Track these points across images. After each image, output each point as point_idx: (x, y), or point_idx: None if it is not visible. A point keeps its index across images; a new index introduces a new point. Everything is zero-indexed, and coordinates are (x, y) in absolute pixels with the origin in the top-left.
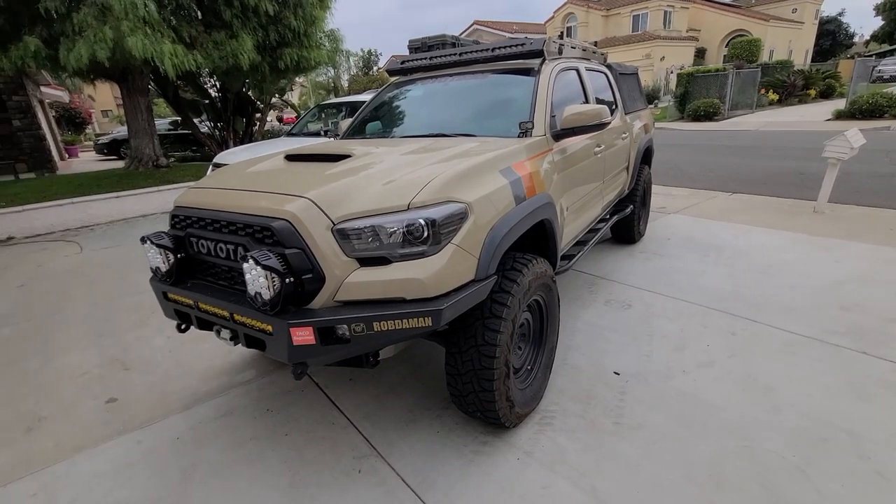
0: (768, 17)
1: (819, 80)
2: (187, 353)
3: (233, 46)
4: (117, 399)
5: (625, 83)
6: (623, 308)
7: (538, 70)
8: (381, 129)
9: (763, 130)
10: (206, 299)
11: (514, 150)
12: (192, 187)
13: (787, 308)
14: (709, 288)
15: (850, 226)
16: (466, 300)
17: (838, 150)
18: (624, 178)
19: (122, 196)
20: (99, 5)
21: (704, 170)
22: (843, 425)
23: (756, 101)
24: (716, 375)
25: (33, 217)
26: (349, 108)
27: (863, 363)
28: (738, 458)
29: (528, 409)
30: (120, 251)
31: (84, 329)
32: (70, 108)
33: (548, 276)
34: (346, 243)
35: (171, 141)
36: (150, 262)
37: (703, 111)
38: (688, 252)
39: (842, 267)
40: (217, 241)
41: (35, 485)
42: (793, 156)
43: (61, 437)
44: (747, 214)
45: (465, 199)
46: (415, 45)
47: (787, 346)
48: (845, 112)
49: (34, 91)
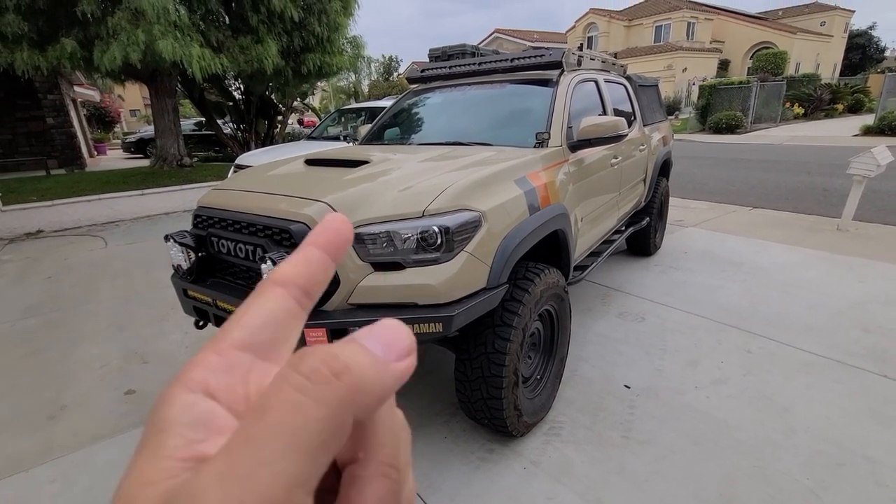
0: (795, 29)
1: (847, 95)
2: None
3: (258, 51)
4: (135, 391)
5: (644, 95)
6: (636, 321)
7: (556, 81)
8: (400, 135)
9: (787, 145)
10: (224, 297)
11: (530, 160)
12: (214, 188)
13: (806, 327)
14: (725, 304)
15: (875, 245)
16: (477, 307)
17: (864, 167)
18: (641, 190)
19: (147, 193)
20: (132, 10)
21: (724, 183)
22: (861, 450)
23: (780, 114)
24: (729, 393)
25: (62, 212)
26: (368, 113)
27: (883, 387)
28: (750, 478)
29: (537, 419)
30: (143, 247)
31: (106, 322)
32: (100, 107)
33: (560, 286)
34: (361, 248)
35: (195, 141)
36: (173, 260)
37: (724, 124)
38: (704, 266)
39: (865, 287)
40: (237, 242)
41: (54, 471)
42: (817, 171)
43: (81, 426)
44: (767, 230)
45: (479, 207)
46: (435, 53)
47: (805, 366)
48: (874, 128)
49: (68, 90)
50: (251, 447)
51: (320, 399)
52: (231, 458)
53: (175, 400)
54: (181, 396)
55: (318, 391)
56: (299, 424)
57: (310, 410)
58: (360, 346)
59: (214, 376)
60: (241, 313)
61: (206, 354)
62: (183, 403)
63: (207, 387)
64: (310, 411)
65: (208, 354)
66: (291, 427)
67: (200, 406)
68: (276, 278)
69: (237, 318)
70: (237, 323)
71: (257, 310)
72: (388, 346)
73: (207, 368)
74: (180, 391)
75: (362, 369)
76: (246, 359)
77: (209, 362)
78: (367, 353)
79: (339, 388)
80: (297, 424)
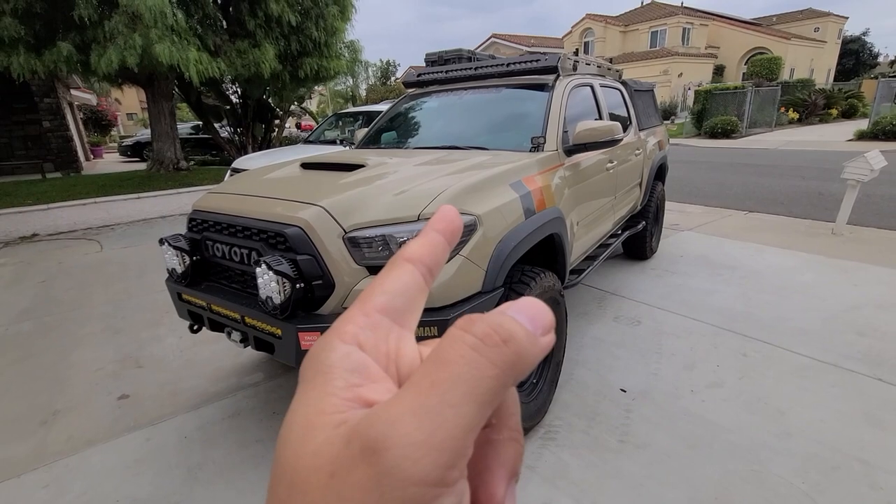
0: (789, 35)
1: (841, 100)
2: (198, 354)
3: (255, 55)
4: (129, 396)
5: (640, 100)
6: (632, 325)
7: (552, 86)
8: (396, 139)
9: (782, 149)
10: (218, 301)
11: (526, 164)
12: (210, 192)
13: (801, 331)
14: (721, 307)
15: (870, 249)
16: (473, 311)
17: (858, 171)
18: (636, 194)
19: (143, 197)
20: (129, 14)
21: (720, 187)
22: (856, 453)
23: (775, 119)
24: (725, 397)
25: (57, 215)
26: (366, 117)
27: (878, 390)
28: (746, 482)
29: (532, 423)
30: (138, 251)
31: (100, 326)
32: (97, 110)
33: (556, 290)
34: (356, 251)
35: (192, 145)
36: (167, 264)
37: (720, 128)
38: (700, 270)
39: (860, 291)
40: (232, 245)
41: (47, 476)
42: (812, 176)
43: (74, 430)
44: (763, 234)
45: (474, 211)
46: (431, 58)
47: (801, 369)
48: (868, 133)
49: (64, 94)
50: (438, 390)
51: (492, 360)
52: (421, 397)
53: (335, 348)
54: (340, 346)
55: (491, 353)
56: (476, 378)
57: (484, 368)
58: (514, 318)
59: (363, 332)
60: (381, 281)
61: (354, 313)
62: (342, 352)
63: (358, 340)
64: (484, 369)
65: (356, 314)
66: (469, 379)
67: (355, 356)
68: (407, 255)
69: (378, 284)
70: (379, 288)
71: (394, 279)
72: (534, 321)
73: (357, 325)
74: (338, 341)
75: (521, 339)
76: (386, 321)
77: (358, 320)
78: (521, 326)
79: (506, 353)
80: (474, 377)
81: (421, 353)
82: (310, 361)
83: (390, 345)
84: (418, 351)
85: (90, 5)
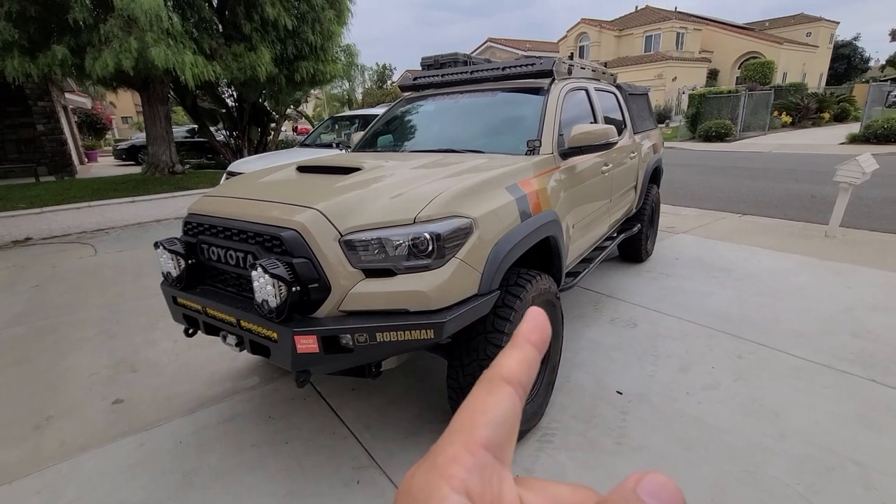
0: (782, 40)
1: (833, 104)
2: (193, 358)
3: (251, 59)
4: (123, 400)
5: (634, 103)
6: (628, 327)
7: (547, 89)
8: (392, 142)
9: (775, 152)
10: (214, 305)
11: (522, 167)
12: (205, 195)
13: (795, 333)
14: (716, 309)
15: (863, 251)
16: (469, 314)
17: (850, 174)
18: (632, 196)
19: (138, 201)
20: (125, 17)
21: (714, 190)
22: (850, 454)
23: (769, 123)
24: (720, 398)
25: (51, 219)
26: (362, 120)
27: (872, 391)
28: (741, 483)
29: (529, 426)
30: (133, 254)
31: (95, 330)
32: (92, 114)
33: (551, 292)
34: (352, 254)
35: (188, 148)
36: (162, 267)
37: (714, 132)
38: (695, 273)
39: (853, 293)
40: (227, 249)
41: (40, 482)
42: (805, 179)
43: (67, 435)
44: (757, 236)
45: (470, 214)
46: (427, 62)
47: (795, 371)
48: (860, 136)
49: (58, 97)
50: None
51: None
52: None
53: (445, 497)
54: (450, 496)
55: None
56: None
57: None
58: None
59: (471, 478)
60: (482, 408)
61: (459, 450)
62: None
63: (468, 489)
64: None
65: (462, 452)
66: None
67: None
68: (506, 376)
69: (480, 413)
70: (482, 418)
71: (496, 406)
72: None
73: (465, 468)
74: (447, 490)
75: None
76: (490, 460)
77: (466, 461)
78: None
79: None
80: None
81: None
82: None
83: (494, 491)
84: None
85: (85, 9)
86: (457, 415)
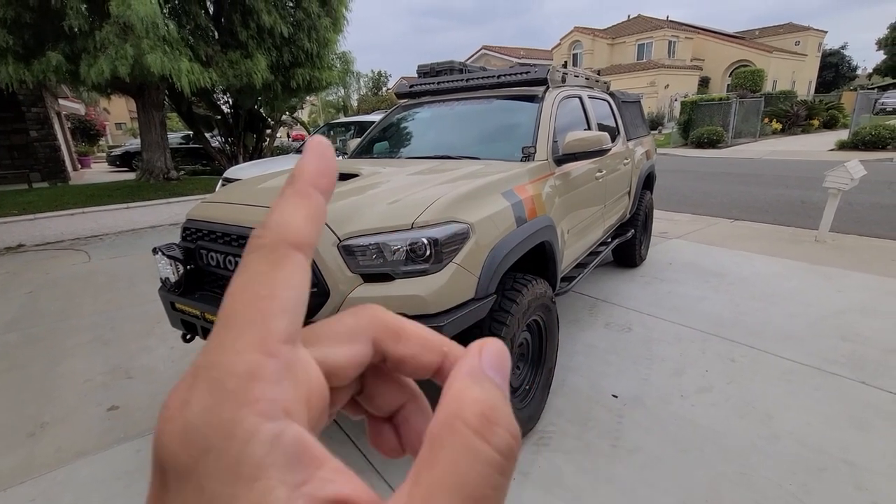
0: (771, 48)
1: (822, 111)
2: (189, 364)
3: (247, 66)
4: (119, 407)
5: (627, 110)
6: (623, 331)
7: (542, 97)
8: (389, 149)
9: (766, 159)
10: (212, 310)
11: (517, 173)
12: (203, 201)
13: (787, 336)
14: (709, 313)
15: (851, 255)
16: (466, 318)
17: (839, 180)
18: (625, 202)
19: (132, 207)
20: (121, 24)
21: (707, 196)
22: (842, 455)
23: (759, 129)
24: (714, 401)
25: (44, 225)
26: (357, 127)
27: (862, 393)
28: (735, 484)
29: (526, 429)
30: (127, 261)
31: (89, 336)
32: (85, 120)
33: (547, 296)
34: (350, 259)
35: (183, 154)
36: (160, 273)
37: (706, 138)
38: (689, 277)
39: (843, 297)
40: (226, 254)
41: (35, 490)
42: (795, 184)
43: (62, 442)
44: (749, 241)
45: (467, 219)
46: (423, 69)
47: (787, 373)
48: (848, 143)
49: (52, 103)
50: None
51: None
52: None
53: (256, 435)
54: (261, 428)
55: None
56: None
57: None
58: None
59: (282, 389)
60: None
61: (255, 359)
62: (267, 438)
63: (284, 407)
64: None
65: (261, 358)
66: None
67: (287, 435)
68: (294, 239)
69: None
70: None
71: (288, 287)
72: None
73: (271, 380)
74: (256, 420)
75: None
76: (292, 352)
77: (269, 370)
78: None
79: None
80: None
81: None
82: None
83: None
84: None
85: (81, 16)
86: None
